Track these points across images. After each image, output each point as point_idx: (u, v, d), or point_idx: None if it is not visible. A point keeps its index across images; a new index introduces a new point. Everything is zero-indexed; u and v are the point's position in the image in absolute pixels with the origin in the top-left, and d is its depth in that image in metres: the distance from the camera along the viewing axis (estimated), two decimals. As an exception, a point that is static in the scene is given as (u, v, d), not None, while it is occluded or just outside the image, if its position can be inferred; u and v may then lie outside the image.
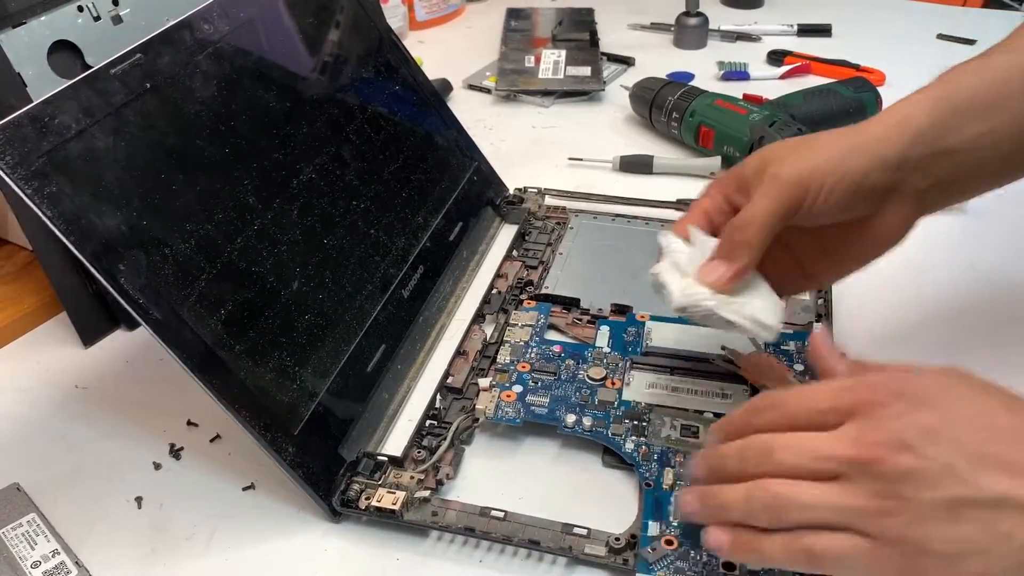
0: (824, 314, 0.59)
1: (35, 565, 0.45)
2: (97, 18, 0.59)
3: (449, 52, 1.05)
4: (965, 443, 0.35)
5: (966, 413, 0.36)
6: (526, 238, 0.69)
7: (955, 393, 0.37)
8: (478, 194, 0.71)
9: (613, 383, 0.54)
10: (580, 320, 0.60)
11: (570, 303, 0.61)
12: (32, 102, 0.43)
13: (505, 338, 0.58)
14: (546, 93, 0.93)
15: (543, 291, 0.63)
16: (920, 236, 0.68)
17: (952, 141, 0.45)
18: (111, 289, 0.42)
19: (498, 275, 0.64)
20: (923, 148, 0.45)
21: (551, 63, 0.97)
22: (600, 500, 0.48)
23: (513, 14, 1.11)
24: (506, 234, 0.70)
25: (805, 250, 0.48)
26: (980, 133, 0.45)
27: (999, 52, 0.48)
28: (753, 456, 0.38)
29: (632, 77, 0.90)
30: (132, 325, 0.62)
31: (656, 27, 1.09)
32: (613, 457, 0.50)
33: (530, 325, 0.59)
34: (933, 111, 0.45)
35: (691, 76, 0.95)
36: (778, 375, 0.53)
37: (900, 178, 0.45)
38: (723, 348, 0.55)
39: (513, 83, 0.94)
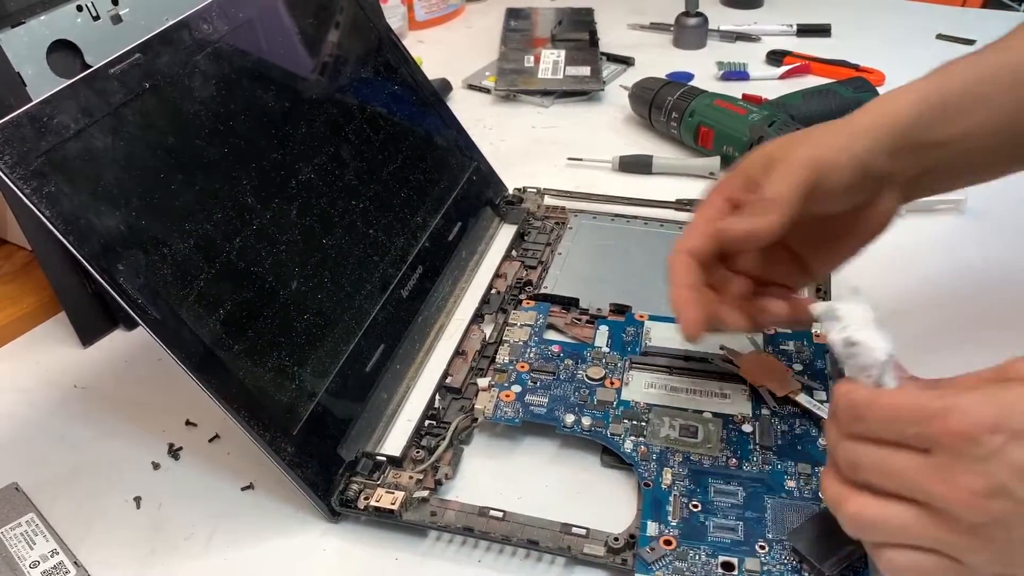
0: (823, 314, 0.59)
1: (34, 565, 0.45)
2: (96, 18, 0.59)
3: (449, 52, 1.05)
4: None
5: None
6: (525, 238, 0.69)
7: None
8: (477, 194, 0.71)
9: (612, 383, 0.54)
10: (579, 320, 0.60)
11: (569, 303, 0.61)
12: (31, 102, 0.43)
13: (504, 338, 0.58)
14: (545, 93, 0.93)
15: (542, 291, 0.63)
16: (920, 236, 0.68)
17: (940, 134, 0.46)
18: (110, 289, 0.42)
19: (497, 275, 0.64)
20: (912, 139, 0.45)
21: (550, 63, 0.97)
22: (599, 500, 0.48)
23: (513, 14, 1.11)
24: (505, 234, 0.70)
25: (802, 244, 0.48)
26: (968, 127, 0.46)
27: (992, 50, 0.48)
28: (844, 465, 0.37)
29: (631, 77, 0.90)
30: (131, 325, 0.62)
31: (656, 27, 1.09)
32: (612, 457, 0.50)
33: (529, 325, 0.59)
34: (923, 103, 0.46)
35: (690, 76, 0.95)
36: (778, 375, 0.53)
37: (894, 166, 0.46)
38: (722, 348, 0.55)
39: (512, 83, 0.94)
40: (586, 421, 0.51)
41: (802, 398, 0.51)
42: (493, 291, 0.63)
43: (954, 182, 0.50)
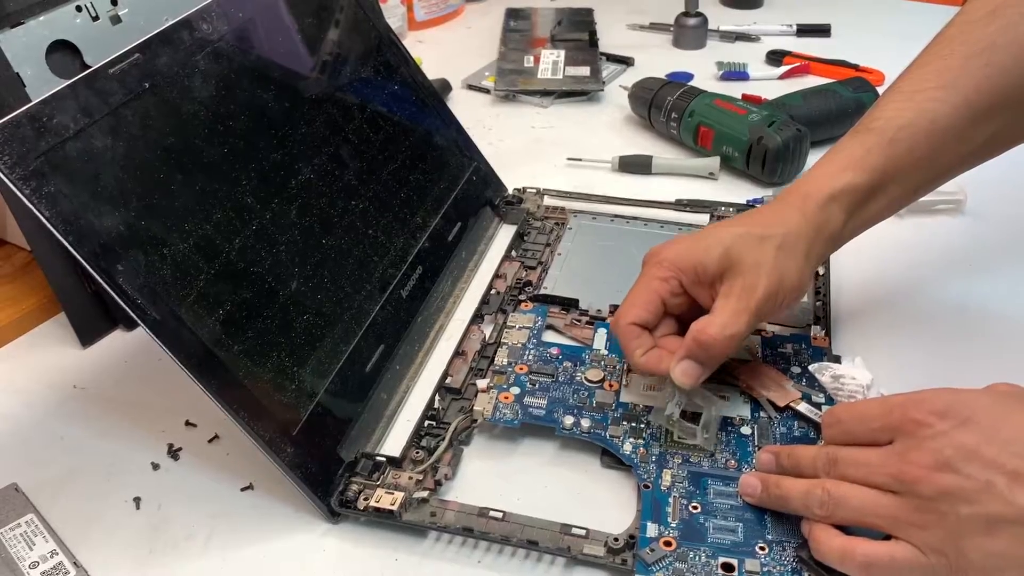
0: (823, 316, 0.59)
1: (33, 565, 0.45)
2: (95, 18, 0.59)
3: (448, 52, 1.05)
4: (1005, 461, 0.37)
5: (1009, 430, 0.38)
6: (525, 238, 0.69)
7: (999, 411, 0.39)
8: (477, 194, 0.71)
9: (611, 385, 0.54)
10: (579, 321, 0.60)
11: (569, 304, 0.61)
12: (30, 102, 0.43)
13: (503, 340, 0.58)
14: (545, 93, 0.93)
15: (542, 291, 0.63)
16: (920, 236, 0.68)
17: (869, 212, 0.51)
18: (109, 289, 0.42)
19: (497, 275, 0.64)
20: (840, 237, 0.51)
21: (550, 63, 0.97)
22: (598, 501, 0.48)
23: (512, 14, 1.11)
24: (505, 234, 0.70)
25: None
26: (881, 208, 0.51)
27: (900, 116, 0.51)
28: (822, 464, 0.43)
29: (631, 77, 0.90)
30: (130, 325, 0.62)
31: (655, 27, 1.09)
32: (611, 458, 0.50)
33: (527, 327, 0.59)
34: (841, 201, 0.50)
35: (690, 76, 0.95)
36: (777, 384, 0.53)
37: (827, 251, 0.52)
38: None
39: (512, 83, 0.94)
40: (585, 423, 0.51)
41: (803, 407, 0.51)
42: (493, 291, 0.63)
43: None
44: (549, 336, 0.59)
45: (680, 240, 0.51)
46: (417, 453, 0.50)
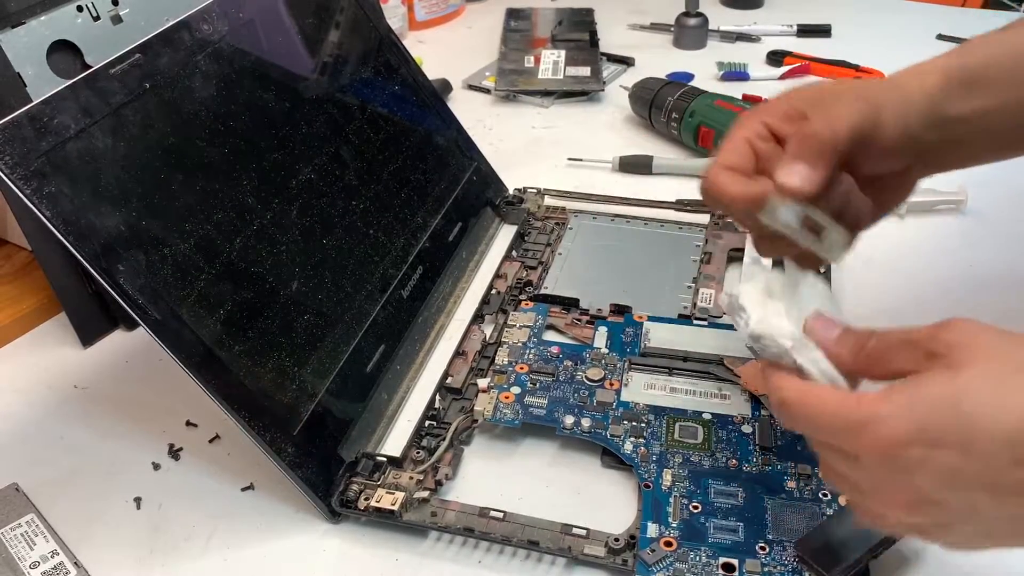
0: (823, 315, 0.59)
1: (34, 565, 0.45)
2: (96, 18, 0.59)
3: (449, 52, 1.05)
4: (990, 470, 0.32)
5: (988, 426, 0.32)
6: (525, 238, 0.69)
7: (973, 403, 0.32)
8: (477, 194, 0.71)
9: (611, 384, 0.54)
10: (579, 320, 0.60)
11: (569, 303, 0.61)
12: (31, 102, 0.43)
13: (503, 339, 0.58)
14: (546, 93, 0.93)
15: (542, 291, 0.63)
16: (920, 236, 0.68)
17: (962, 108, 0.44)
18: (110, 289, 0.42)
19: (497, 275, 0.64)
20: (937, 112, 0.44)
21: (551, 63, 0.97)
22: (599, 501, 0.48)
23: (513, 14, 1.11)
24: (505, 234, 0.70)
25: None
26: (988, 103, 0.44)
27: (1013, 29, 0.47)
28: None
29: (632, 77, 0.90)
30: (131, 325, 0.62)
31: (656, 27, 1.09)
32: (612, 458, 0.50)
33: (528, 326, 0.59)
34: (945, 78, 0.44)
35: (691, 76, 0.95)
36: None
37: (924, 135, 0.44)
38: (722, 362, 0.55)
39: (513, 83, 0.94)
40: (586, 422, 0.51)
41: None
42: (493, 291, 0.63)
43: (974, 159, 0.48)
44: (550, 335, 0.59)
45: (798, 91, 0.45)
46: (418, 453, 0.50)
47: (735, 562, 0.43)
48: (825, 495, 0.47)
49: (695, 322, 0.59)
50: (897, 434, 0.33)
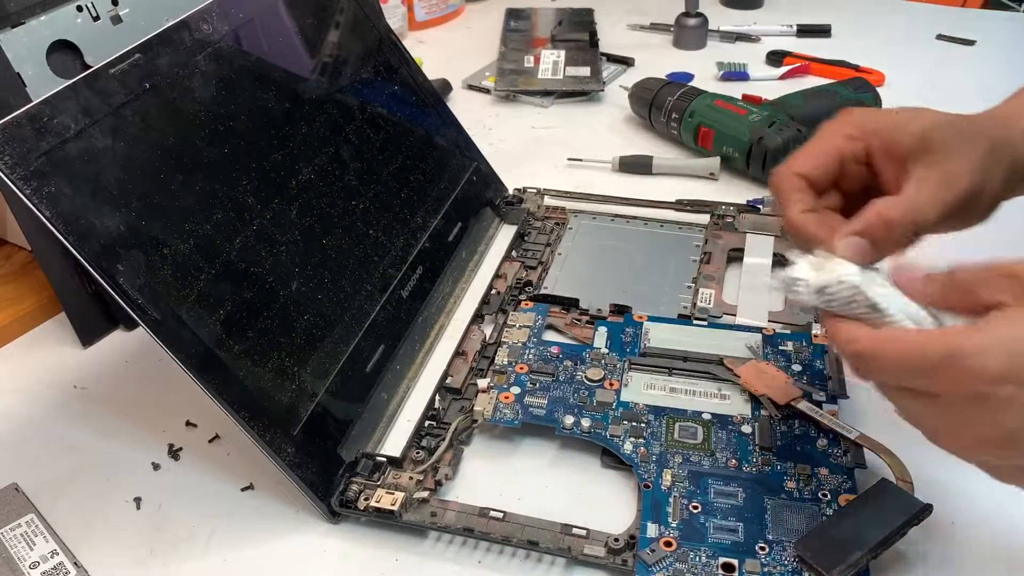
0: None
1: (34, 566, 0.45)
2: (96, 18, 0.59)
3: (449, 52, 1.05)
4: None
5: None
6: (525, 238, 0.69)
7: None
8: (477, 194, 0.71)
9: (611, 384, 0.54)
10: (579, 320, 0.60)
11: (569, 303, 0.61)
12: (31, 102, 0.43)
13: (503, 339, 0.58)
14: (545, 93, 0.93)
15: (542, 291, 0.63)
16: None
17: None
18: (110, 289, 0.42)
19: (497, 275, 0.64)
20: None
21: (550, 63, 0.97)
22: (599, 501, 0.48)
23: (513, 14, 1.11)
24: (505, 234, 0.70)
25: None
26: None
27: None
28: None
29: (631, 77, 0.90)
30: (131, 325, 0.62)
31: (656, 27, 1.09)
32: (611, 458, 0.50)
33: (527, 326, 0.59)
34: None
35: (690, 76, 0.95)
36: (777, 383, 0.53)
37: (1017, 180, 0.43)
38: (722, 362, 0.55)
39: (512, 83, 0.94)
40: (585, 423, 0.51)
41: (803, 405, 0.51)
42: (493, 291, 0.63)
43: None
44: (549, 335, 0.59)
45: (878, 110, 0.45)
46: (417, 453, 0.50)
47: (735, 562, 0.43)
48: (825, 495, 0.47)
49: (695, 322, 0.59)
50: (988, 370, 0.31)
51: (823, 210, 0.42)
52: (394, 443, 0.52)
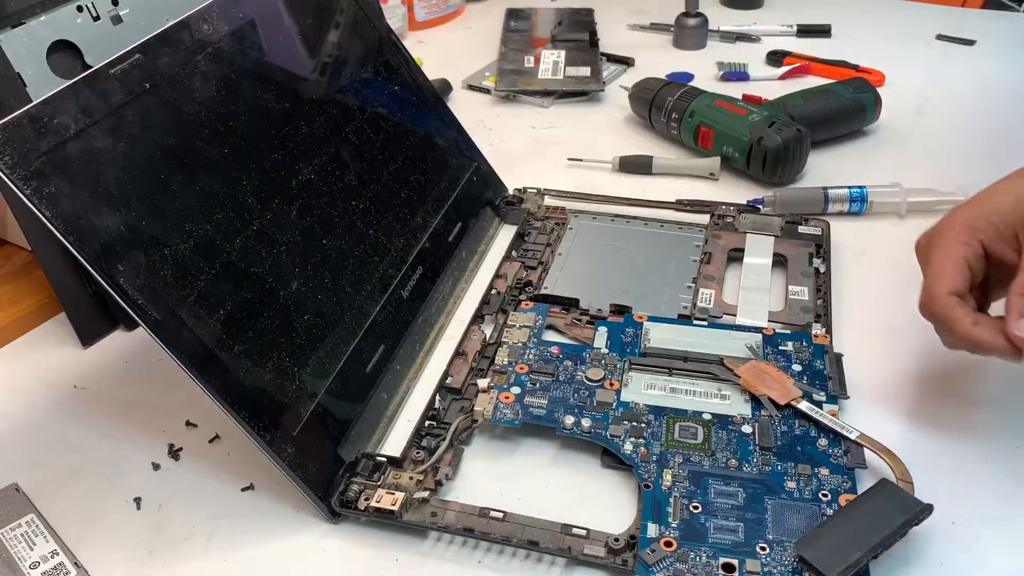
0: (823, 314, 0.59)
1: (34, 566, 0.45)
2: (96, 18, 0.59)
3: (449, 52, 1.05)
4: None
5: None
6: (525, 238, 0.69)
7: None
8: (477, 194, 0.71)
9: (611, 384, 0.54)
10: (579, 320, 0.60)
11: (569, 303, 0.61)
12: (31, 102, 0.43)
13: (503, 339, 0.58)
14: (546, 93, 0.93)
15: (542, 291, 0.63)
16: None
17: None
18: (110, 289, 0.42)
19: (497, 275, 0.64)
20: None
21: (550, 63, 0.97)
22: (599, 501, 0.48)
23: (513, 14, 1.11)
24: (505, 234, 0.70)
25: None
26: None
27: None
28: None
29: (632, 77, 0.90)
30: (131, 325, 0.62)
31: (656, 27, 1.09)
32: (612, 458, 0.50)
33: (528, 326, 0.59)
34: None
35: (691, 76, 0.95)
36: (778, 383, 0.53)
37: None
38: (722, 362, 0.55)
39: (513, 83, 0.94)
40: (586, 423, 0.51)
41: (803, 405, 0.51)
42: (493, 291, 0.63)
43: None
44: (549, 335, 0.59)
45: (961, 206, 0.48)
46: (418, 453, 0.50)
47: (735, 562, 0.43)
48: (825, 495, 0.47)
49: (695, 322, 0.59)
50: None
51: (976, 314, 0.47)
52: (394, 443, 0.52)
